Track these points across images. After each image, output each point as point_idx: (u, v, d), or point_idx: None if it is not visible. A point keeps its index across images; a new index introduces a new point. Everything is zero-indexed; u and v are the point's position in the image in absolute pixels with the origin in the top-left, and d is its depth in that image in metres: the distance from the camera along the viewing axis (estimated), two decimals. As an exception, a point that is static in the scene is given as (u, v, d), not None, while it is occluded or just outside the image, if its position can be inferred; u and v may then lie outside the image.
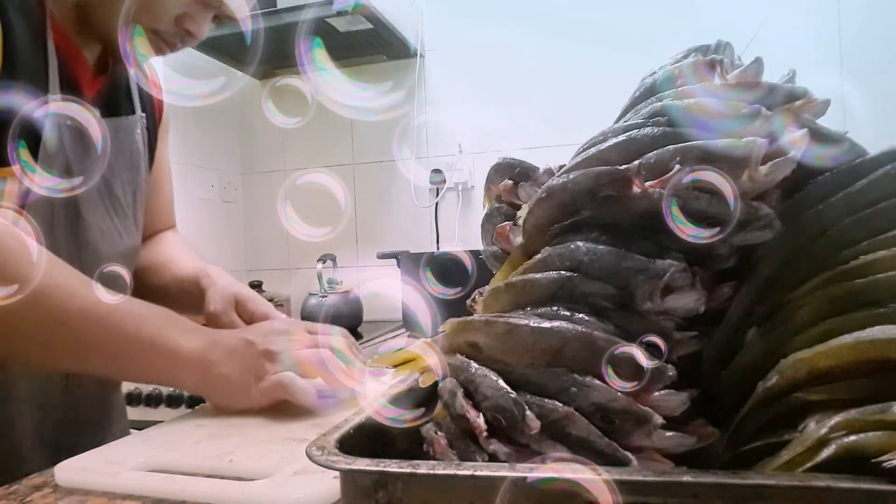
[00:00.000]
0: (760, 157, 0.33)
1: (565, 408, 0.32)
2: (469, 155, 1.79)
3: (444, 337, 0.40)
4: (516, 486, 0.28)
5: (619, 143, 0.37)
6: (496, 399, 0.33)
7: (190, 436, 0.56)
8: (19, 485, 0.49)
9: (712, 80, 0.39)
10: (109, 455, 0.52)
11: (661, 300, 0.34)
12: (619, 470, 0.28)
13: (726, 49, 0.42)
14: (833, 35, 1.54)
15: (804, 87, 0.37)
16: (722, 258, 0.35)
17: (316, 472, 0.39)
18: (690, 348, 0.35)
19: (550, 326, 0.33)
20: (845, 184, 0.35)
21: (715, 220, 0.34)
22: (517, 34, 1.71)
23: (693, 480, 0.26)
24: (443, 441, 0.36)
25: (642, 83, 0.43)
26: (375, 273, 1.87)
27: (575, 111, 1.63)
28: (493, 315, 0.37)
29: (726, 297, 0.36)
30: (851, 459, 0.27)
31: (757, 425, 0.33)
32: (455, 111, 1.81)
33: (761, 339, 0.34)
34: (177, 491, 0.44)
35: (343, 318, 1.59)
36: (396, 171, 1.86)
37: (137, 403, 1.28)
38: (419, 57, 1.80)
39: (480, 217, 0.48)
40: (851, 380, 0.30)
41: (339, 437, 0.34)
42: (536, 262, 0.38)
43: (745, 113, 0.35)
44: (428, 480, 0.29)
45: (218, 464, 0.49)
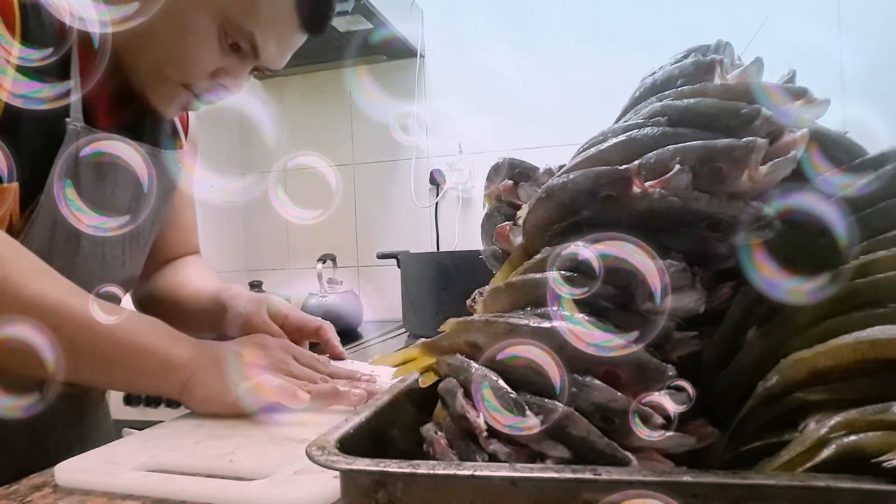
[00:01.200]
0: (760, 157, 0.33)
1: (565, 408, 0.32)
2: (469, 155, 1.79)
3: (444, 337, 0.40)
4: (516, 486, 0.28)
5: (619, 143, 0.37)
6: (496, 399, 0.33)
7: (190, 436, 0.56)
8: (19, 485, 0.49)
9: (712, 80, 0.39)
10: (109, 455, 0.52)
11: (661, 300, 0.34)
12: (619, 470, 0.28)
13: (726, 49, 0.42)
14: (833, 35, 1.54)
15: (804, 87, 0.37)
16: (722, 258, 0.35)
17: (316, 472, 0.39)
18: (690, 348, 0.35)
19: (550, 326, 0.33)
20: (845, 184, 0.35)
21: (715, 221, 0.34)
22: (517, 34, 1.71)
23: (693, 480, 0.26)
24: (443, 441, 0.36)
25: (642, 83, 0.43)
26: (375, 273, 1.87)
27: (575, 111, 1.63)
28: (493, 315, 0.37)
29: (726, 297, 0.36)
30: (851, 459, 0.27)
31: (757, 425, 0.33)
32: (455, 111, 1.81)
33: (761, 339, 0.34)
34: (177, 491, 0.44)
35: (343, 318, 1.59)
36: (396, 171, 1.86)
37: (137, 403, 1.28)
38: (419, 57, 1.80)
39: (480, 217, 0.48)
40: (851, 380, 0.30)
41: (339, 437, 0.34)
42: (536, 262, 0.38)
43: (745, 113, 0.35)
44: (428, 480, 0.29)
45: (218, 464, 0.49)
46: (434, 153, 1.83)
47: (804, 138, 0.34)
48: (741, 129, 0.35)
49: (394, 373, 0.43)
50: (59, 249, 0.66)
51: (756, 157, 0.33)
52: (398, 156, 1.85)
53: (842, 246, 0.33)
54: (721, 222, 0.34)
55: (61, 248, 0.66)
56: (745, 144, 0.33)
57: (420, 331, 1.38)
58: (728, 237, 0.34)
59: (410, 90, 1.82)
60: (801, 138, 0.34)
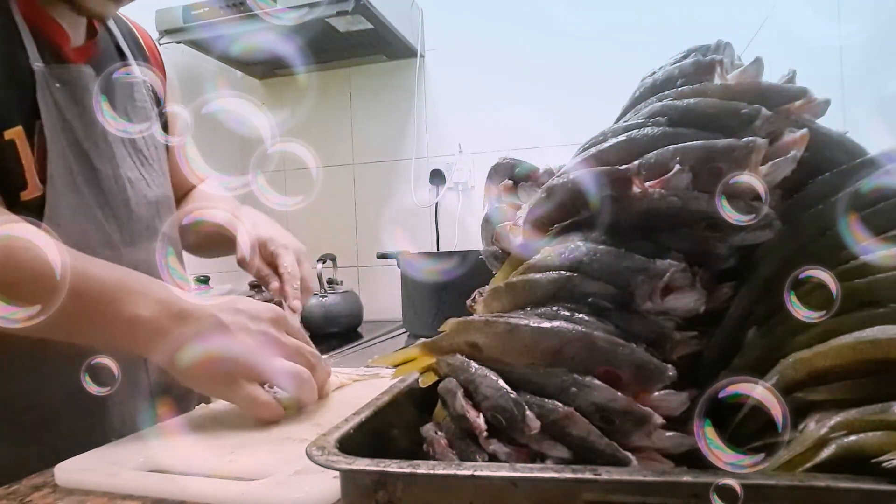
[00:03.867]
0: (760, 157, 0.33)
1: (565, 408, 0.32)
2: (469, 155, 1.79)
3: (444, 337, 0.40)
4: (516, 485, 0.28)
5: (619, 143, 0.37)
6: (496, 399, 0.33)
7: (190, 436, 0.56)
8: (19, 485, 0.49)
9: (712, 80, 0.39)
10: (109, 455, 0.52)
11: (661, 300, 0.34)
12: (619, 470, 0.28)
13: (726, 49, 0.42)
14: (833, 35, 1.54)
15: (804, 87, 0.37)
16: (722, 258, 0.35)
17: (316, 472, 0.39)
18: (690, 348, 0.35)
19: (550, 326, 0.33)
20: (845, 184, 0.35)
21: (715, 221, 0.34)
22: (517, 34, 1.71)
23: (693, 480, 0.26)
24: (443, 441, 0.36)
25: (642, 83, 0.43)
26: (375, 273, 1.87)
27: (575, 111, 1.63)
28: (493, 315, 0.37)
29: (726, 297, 0.36)
30: (851, 459, 0.27)
31: (757, 425, 0.33)
32: (455, 111, 1.81)
33: (761, 339, 0.34)
34: (177, 491, 0.44)
35: (343, 318, 1.59)
36: (396, 171, 1.86)
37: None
38: (419, 57, 1.79)
39: (480, 217, 0.48)
40: (851, 380, 0.30)
41: (339, 437, 0.34)
42: (536, 262, 0.38)
43: (745, 113, 0.35)
44: (428, 480, 0.29)
45: (218, 464, 0.49)
46: (434, 153, 1.83)
47: (804, 138, 0.34)
48: (741, 129, 0.35)
49: (394, 373, 0.43)
50: (86, 177, 0.70)
51: (756, 157, 0.33)
52: (398, 156, 1.85)
53: (842, 246, 0.33)
54: (721, 222, 0.34)
55: (87, 175, 0.70)
56: (745, 144, 0.33)
57: (420, 331, 1.38)
58: (728, 237, 0.34)
59: (410, 90, 1.82)
60: (801, 138, 0.34)
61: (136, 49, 0.86)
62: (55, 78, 0.68)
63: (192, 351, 0.58)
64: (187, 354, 0.58)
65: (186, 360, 0.58)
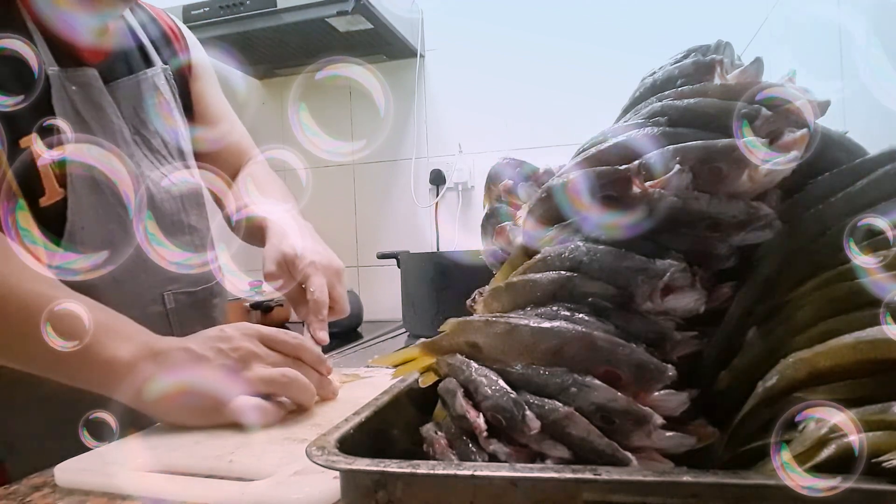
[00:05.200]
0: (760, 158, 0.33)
1: (565, 408, 0.32)
2: (469, 155, 1.78)
3: (444, 337, 0.40)
4: (516, 485, 0.28)
5: (619, 143, 0.37)
6: (496, 399, 0.33)
7: (190, 436, 0.56)
8: (19, 485, 0.49)
9: (712, 80, 0.39)
10: (109, 455, 0.52)
11: (661, 300, 0.34)
12: (619, 470, 0.28)
13: (726, 49, 0.42)
14: (833, 34, 1.54)
15: (804, 87, 0.37)
16: (722, 258, 0.35)
17: (316, 472, 0.39)
18: (690, 348, 0.35)
19: (550, 326, 0.33)
20: (845, 184, 0.35)
21: (715, 221, 0.34)
22: (517, 34, 1.71)
23: (693, 480, 0.26)
24: (443, 441, 0.36)
25: (642, 83, 0.43)
26: (375, 273, 1.87)
27: (575, 111, 1.63)
28: (493, 315, 0.37)
29: (726, 297, 0.36)
30: (851, 459, 0.27)
31: (757, 425, 0.33)
32: (455, 111, 1.81)
33: (761, 339, 0.34)
34: (177, 491, 0.44)
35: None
36: (396, 171, 1.86)
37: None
38: (419, 57, 1.79)
39: (480, 217, 0.48)
40: (851, 380, 0.30)
41: (339, 437, 0.34)
42: (536, 262, 0.38)
43: (744, 113, 0.35)
44: (428, 480, 0.29)
45: (218, 464, 0.49)
46: (434, 153, 1.83)
47: (804, 138, 0.34)
48: (741, 129, 0.35)
49: (394, 373, 0.43)
50: (108, 204, 0.70)
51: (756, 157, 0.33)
52: (398, 156, 1.85)
53: (842, 246, 0.32)
54: (721, 222, 0.34)
55: (109, 201, 0.70)
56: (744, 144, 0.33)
57: (420, 331, 1.38)
58: (728, 237, 0.34)
59: (410, 90, 1.81)
60: (801, 138, 0.34)
61: (159, 36, 0.86)
62: (71, 80, 0.68)
63: (158, 385, 0.57)
64: (154, 389, 0.57)
65: (154, 394, 0.57)
